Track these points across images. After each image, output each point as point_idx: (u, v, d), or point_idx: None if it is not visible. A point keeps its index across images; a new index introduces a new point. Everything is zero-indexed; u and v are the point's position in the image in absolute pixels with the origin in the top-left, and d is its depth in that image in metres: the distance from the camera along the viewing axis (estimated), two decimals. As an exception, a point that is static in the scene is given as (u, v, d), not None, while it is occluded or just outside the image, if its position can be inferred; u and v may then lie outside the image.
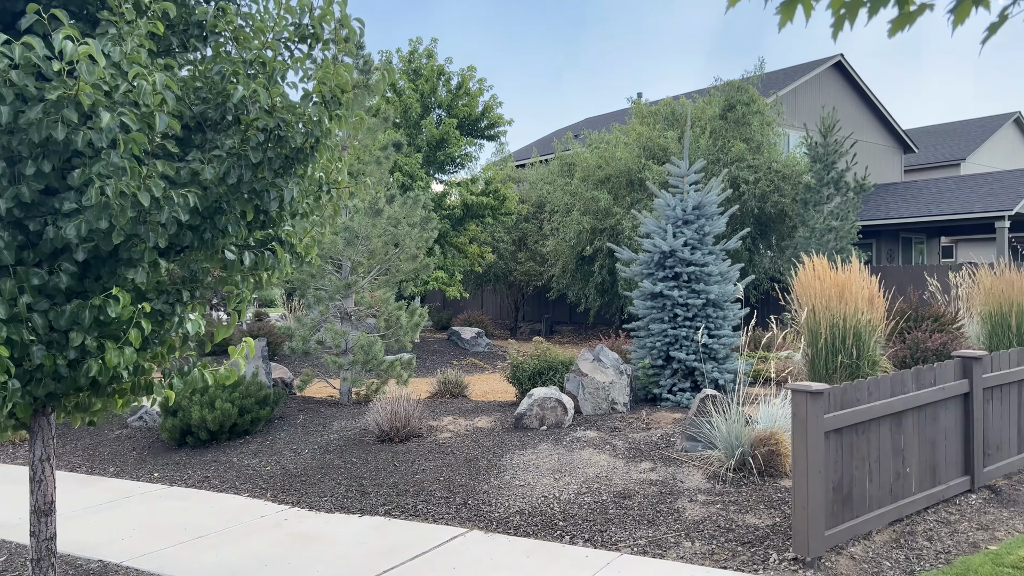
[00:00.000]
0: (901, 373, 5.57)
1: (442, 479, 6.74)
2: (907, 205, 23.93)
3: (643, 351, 8.82)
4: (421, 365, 15.65)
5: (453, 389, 10.60)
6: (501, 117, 17.56)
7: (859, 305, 8.91)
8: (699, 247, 8.85)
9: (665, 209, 8.99)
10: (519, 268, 22.86)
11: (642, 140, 17.41)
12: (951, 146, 32.01)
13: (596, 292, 18.22)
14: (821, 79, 25.41)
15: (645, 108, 19.58)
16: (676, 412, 8.30)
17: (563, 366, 8.96)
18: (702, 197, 8.86)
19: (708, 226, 8.85)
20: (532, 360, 9.01)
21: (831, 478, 5.03)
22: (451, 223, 16.98)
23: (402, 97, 16.56)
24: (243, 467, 7.53)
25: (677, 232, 8.82)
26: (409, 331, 9.68)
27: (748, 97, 17.52)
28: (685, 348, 8.50)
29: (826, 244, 16.03)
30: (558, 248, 18.26)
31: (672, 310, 8.62)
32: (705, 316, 8.60)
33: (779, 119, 18.10)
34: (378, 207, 8.50)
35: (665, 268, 8.84)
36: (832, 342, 8.91)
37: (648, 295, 8.85)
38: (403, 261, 9.17)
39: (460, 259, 18.37)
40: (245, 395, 8.42)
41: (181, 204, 3.27)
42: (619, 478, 6.47)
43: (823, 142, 16.36)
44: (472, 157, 17.47)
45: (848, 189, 16.31)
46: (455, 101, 17.07)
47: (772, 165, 17.24)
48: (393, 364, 9.78)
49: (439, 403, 9.93)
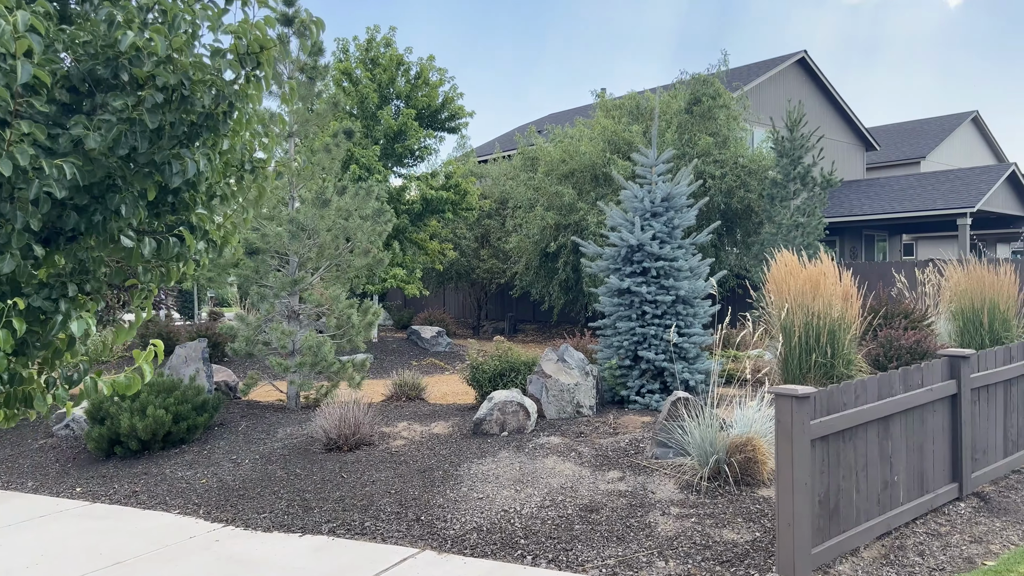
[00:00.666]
0: (888, 375, 5.16)
1: (393, 492, 6.18)
2: (870, 202, 23.91)
3: (610, 351, 8.35)
4: (379, 366, 15.03)
5: (410, 392, 10.02)
6: (462, 108, 16.98)
7: (833, 302, 8.55)
8: (668, 241, 8.40)
9: (632, 201, 8.52)
10: (482, 265, 22.33)
11: (607, 134, 16.99)
12: (911, 144, 32.25)
13: (560, 290, 17.77)
14: (785, 75, 25.30)
15: (609, 102, 19.18)
16: (645, 415, 7.84)
17: (525, 367, 8.45)
18: (671, 188, 8.42)
19: (677, 219, 8.42)
20: (493, 361, 8.49)
21: (817, 491, 4.59)
22: (410, 218, 16.36)
23: (359, 87, 15.90)
24: (176, 480, 6.88)
25: (645, 225, 8.36)
26: (362, 331, 9.08)
27: (714, 91, 17.20)
28: (654, 347, 8.04)
29: (793, 240, 15.77)
30: (521, 245, 17.76)
31: (640, 307, 8.16)
32: (675, 314, 8.15)
33: (745, 113, 17.82)
34: (326, 197, 7.89)
35: (633, 263, 8.38)
36: (806, 340, 8.53)
37: (615, 292, 8.38)
38: (355, 256, 8.57)
39: (420, 256, 17.76)
40: (181, 401, 7.75)
41: (56, 177, 2.68)
42: (586, 489, 5.97)
43: (789, 136, 16.10)
44: (432, 150, 16.87)
45: (815, 184, 16.07)
46: (414, 92, 16.45)
47: (738, 160, 16.95)
48: (345, 366, 9.18)
49: (394, 407, 9.35)
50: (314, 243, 8.53)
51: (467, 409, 8.87)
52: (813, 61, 25.88)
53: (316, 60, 8.84)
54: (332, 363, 8.80)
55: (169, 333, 14.97)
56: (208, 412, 7.97)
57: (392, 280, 15.30)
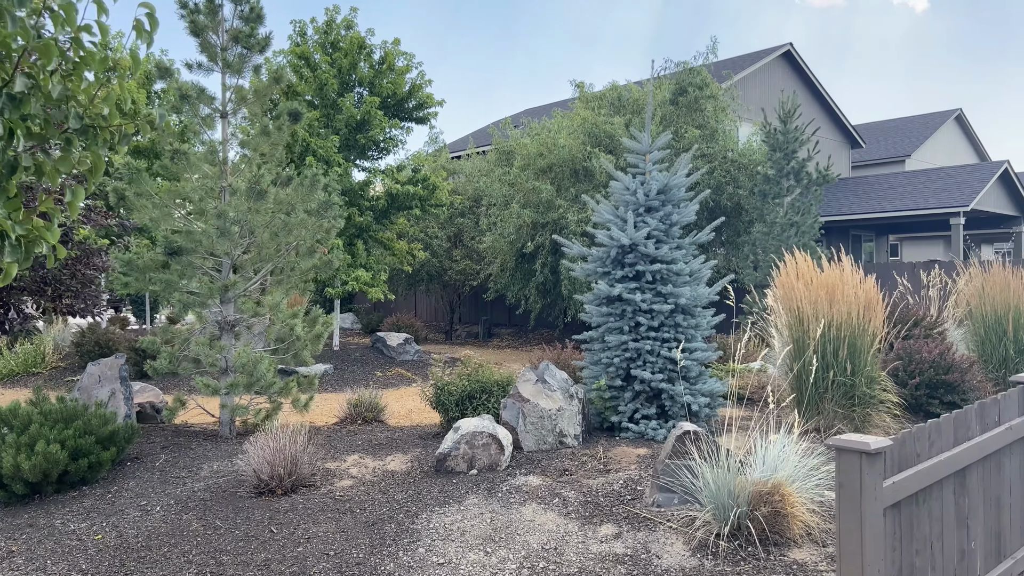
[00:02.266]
0: (964, 412, 4.00)
1: (333, 553, 4.92)
2: (858, 201, 23.00)
3: (597, 368, 7.14)
4: (339, 378, 13.72)
5: (367, 413, 8.75)
6: (431, 97, 15.68)
7: (853, 310, 7.42)
8: (665, 240, 7.22)
9: (623, 194, 7.32)
10: (454, 266, 21.06)
11: (587, 126, 15.80)
12: (895, 143, 31.51)
13: (537, 293, 16.55)
14: (770, 69, 24.33)
15: (589, 94, 18.00)
16: (640, 446, 6.64)
17: (499, 388, 7.22)
18: (668, 179, 7.23)
19: (676, 214, 7.23)
20: (461, 381, 7.25)
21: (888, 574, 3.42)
22: (374, 216, 15.05)
23: (317, 72, 14.55)
24: (66, 535, 5.55)
25: (639, 222, 7.17)
26: (308, 344, 7.80)
27: (701, 80, 16.10)
28: (650, 365, 6.85)
29: (787, 240, 14.70)
30: (496, 245, 16.52)
31: (634, 318, 6.96)
32: (674, 325, 6.97)
33: (733, 105, 16.74)
34: (260, 188, 6.60)
35: (624, 266, 7.18)
36: (823, 355, 7.40)
37: (604, 299, 7.17)
38: (301, 258, 7.28)
39: (387, 257, 16.45)
40: (83, 432, 6.41)
41: None
42: (573, 552, 4.75)
43: (783, 129, 15.03)
44: (398, 141, 15.55)
45: (810, 181, 15.02)
46: (378, 78, 15.14)
47: (727, 154, 15.86)
48: (289, 385, 7.89)
49: (346, 433, 8.07)
50: (250, 242, 7.22)
51: (431, 436, 7.61)
52: (799, 54, 24.94)
53: (254, 28, 7.54)
54: (272, 382, 7.50)
55: (108, 342, 13.53)
56: (118, 445, 6.64)
57: (354, 283, 13.98)
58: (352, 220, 14.94)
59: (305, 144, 13.87)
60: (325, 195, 7.14)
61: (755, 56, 24.61)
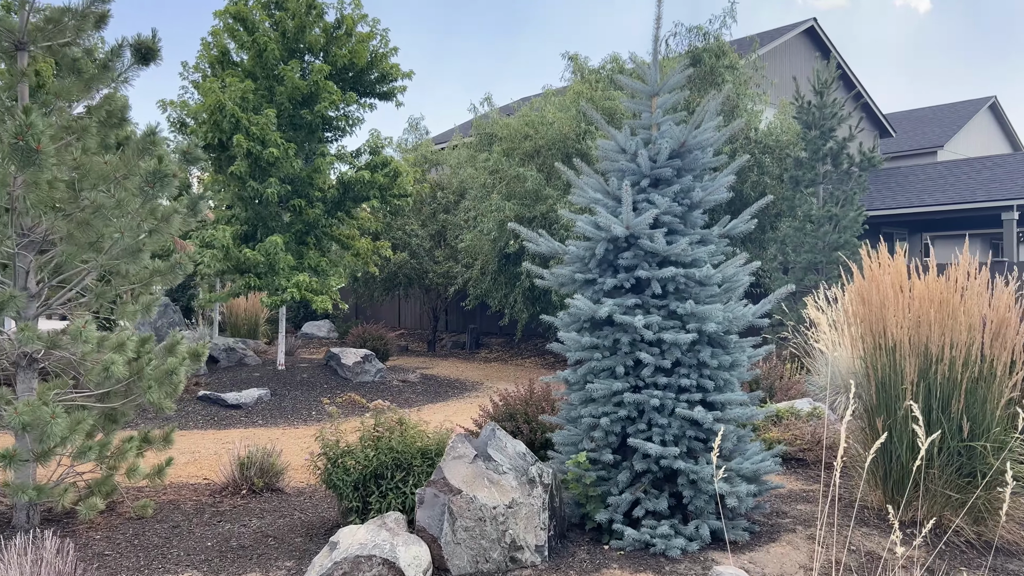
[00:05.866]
0: None
1: None
2: (891, 195, 20.34)
3: (575, 430, 4.55)
4: (275, 406, 11.17)
5: (256, 478, 6.19)
6: (396, 68, 13.10)
7: (973, 339, 4.82)
8: (682, 229, 4.62)
9: (617, 157, 4.73)
10: (436, 268, 18.50)
11: (581, 101, 13.20)
12: (926, 133, 28.81)
13: (524, 300, 13.96)
14: (791, 47, 21.69)
15: (586, 68, 15.39)
16: (643, 568, 4.05)
17: (423, 460, 4.63)
18: (687, 134, 4.63)
19: (699, 190, 4.64)
20: (364, 450, 4.65)
21: None
22: (325, 208, 12.49)
23: (255, 36, 12.02)
24: None
25: (641, 201, 4.59)
26: (153, 385, 5.24)
27: (718, 47, 13.48)
28: (659, 430, 4.25)
29: (823, 237, 12.08)
30: (476, 244, 13.95)
31: (632, 353, 4.37)
32: (697, 365, 4.37)
33: (756, 77, 14.11)
34: (26, 145, 4.04)
35: (618, 270, 4.60)
36: (927, 406, 4.79)
37: (585, 322, 4.59)
38: (122, 259, 4.74)
39: (347, 256, 13.89)
40: None
41: None
42: None
43: (819, 102, 12.41)
44: (356, 120, 12.97)
45: (852, 164, 12.39)
46: (333, 45, 12.59)
47: (751, 134, 13.24)
48: (125, 447, 5.33)
49: (211, 515, 5.49)
50: (27, 238, 4.67)
51: (327, 528, 5.03)
52: (824, 31, 22.29)
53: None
54: (88, 448, 4.94)
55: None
56: None
57: (294, 290, 11.41)
58: (301, 213, 12.40)
59: (235, 121, 11.32)
60: (155, 163, 4.59)
61: (774, 33, 21.98)
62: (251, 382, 12.22)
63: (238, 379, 12.41)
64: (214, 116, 11.43)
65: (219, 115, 11.37)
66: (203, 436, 9.48)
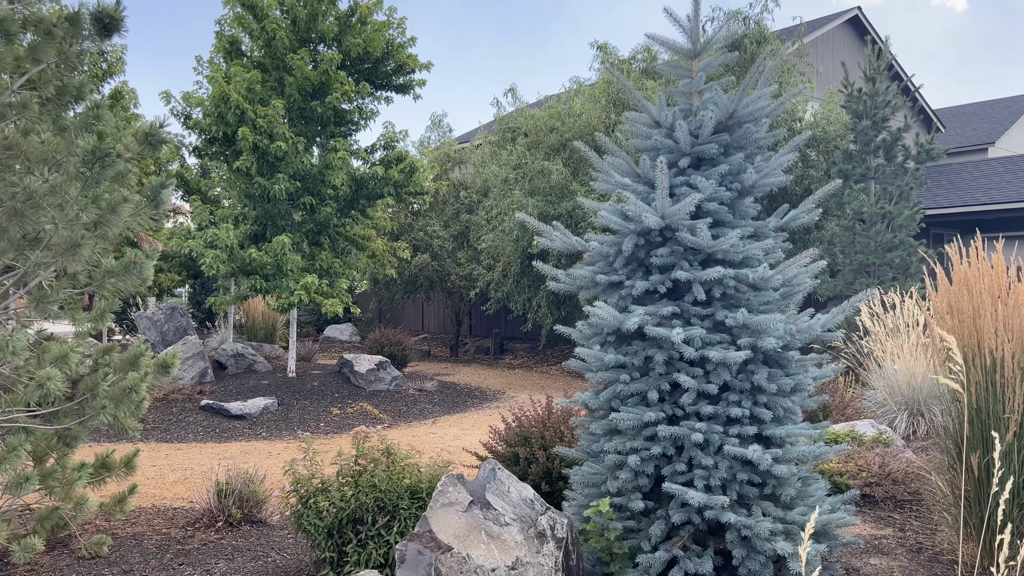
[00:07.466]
0: None
1: None
2: (944, 193, 19.10)
3: (598, 471, 3.69)
4: (281, 417, 10.45)
5: (234, 507, 5.42)
6: (414, 58, 12.35)
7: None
8: (730, 219, 3.75)
9: (650, 133, 3.88)
10: (458, 271, 17.75)
11: (611, 90, 12.32)
12: (975, 129, 27.36)
13: (549, 304, 13.10)
14: (834, 37, 20.57)
15: (615, 58, 14.49)
16: (682, 648, 3.19)
17: (412, 502, 3.80)
18: (736, 101, 3.75)
19: (751, 171, 3.77)
20: (343, 489, 3.84)
21: None
22: (337, 206, 11.76)
23: (264, 24, 11.34)
24: None
25: (680, 184, 3.72)
26: (110, 402, 4.51)
27: (758, 33, 12.52)
28: (702, 473, 3.37)
29: (875, 236, 11.05)
30: (497, 243, 13.13)
31: (669, 375, 3.50)
32: (751, 390, 3.49)
33: (801, 64, 13.10)
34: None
35: (651, 271, 3.74)
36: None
37: (609, 336, 3.73)
38: (58, 252, 4.00)
39: (362, 258, 13.17)
40: None
41: None
42: None
43: (870, 90, 11.37)
44: (371, 113, 12.23)
45: (907, 157, 11.34)
46: (347, 34, 11.87)
47: (794, 125, 12.25)
48: (74, 475, 4.60)
49: (173, 556, 4.71)
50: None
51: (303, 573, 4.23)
52: (868, 21, 21.12)
53: None
54: (25, 478, 4.21)
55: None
56: None
57: (303, 292, 10.68)
58: (313, 212, 11.70)
59: (240, 112, 10.63)
60: (96, 141, 3.85)
61: (815, 23, 20.86)
62: (259, 390, 11.53)
63: (245, 387, 11.73)
64: (219, 108, 10.77)
65: (224, 106, 10.70)
66: (200, 450, 8.78)
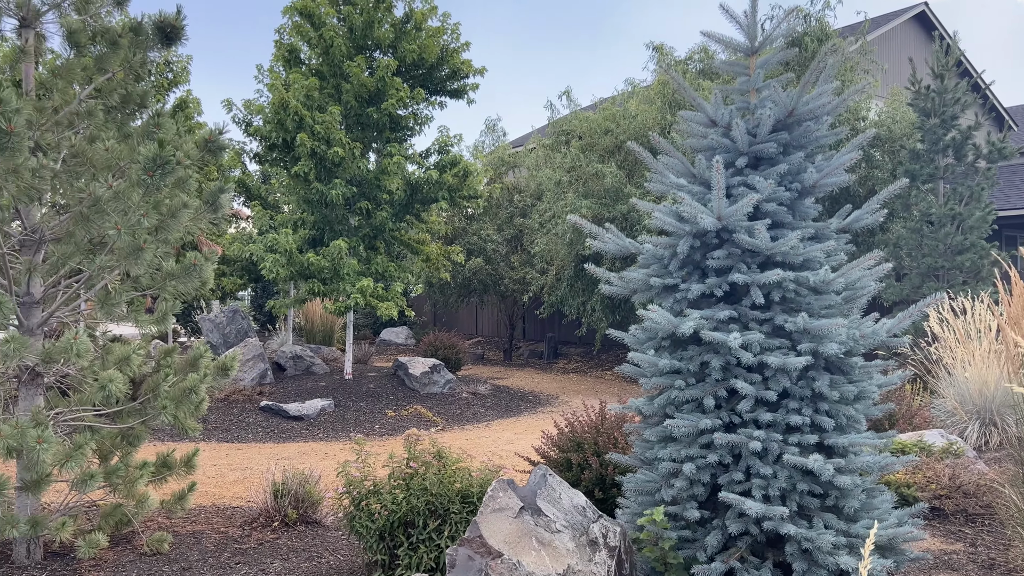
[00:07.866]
0: None
1: None
2: (1018, 194, 18.33)
3: (652, 478, 3.61)
4: (338, 418, 10.60)
5: (289, 508, 5.49)
6: (468, 64, 12.41)
7: None
8: (790, 220, 3.64)
9: (706, 132, 3.79)
10: (512, 275, 17.76)
11: (667, 91, 12.17)
12: (1051, 126, 26.15)
13: (603, 308, 12.99)
14: (900, 34, 19.94)
15: (672, 59, 14.30)
16: (739, 664, 3.10)
17: (463, 506, 3.79)
18: (796, 99, 3.64)
19: (811, 171, 3.65)
20: (395, 492, 3.85)
21: None
22: (392, 211, 11.88)
23: (322, 31, 11.54)
24: None
25: (738, 184, 3.63)
26: (168, 404, 4.62)
27: (819, 30, 12.20)
28: (760, 482, 3.27)
29: (944, 239, 10.64)
30: (550, 247, 13.09)
31: (726, 381, 3.41)
32: (812, 397, 3.37)
33: (865, 62, 12.72)
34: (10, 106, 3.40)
35: (707, 273, 3.65)
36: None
37: (664, 340, 3.65)
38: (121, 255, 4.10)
39: (417, 262, 13.28)
40: None
41: None
42: None
43: (938, 87, 10.97)
44: (426, 119, 12.34)
45: (978, 156, 10.90)
46: (402, 40, 12.00)
47: (857, 124, 11.89)
48: (137, 472, 4.72)
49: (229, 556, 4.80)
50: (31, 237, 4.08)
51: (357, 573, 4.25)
52: (936, 16, 20.42)
53: None
54: (91, 475, 4.34)
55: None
56: None
57: (358, 296, 10.82)
58: (369, 216, 11.85)
59: (298, 119, 10.84)
60: (155, 149, 3.94)
61: (880, 20, 20.25)
62: (316, 392, 11.71)
63: (303, 388, 11.93)
64: (278, 114, 11.00)
65: (283, 113, 10.92)
66: (260, 450, 8.96)
